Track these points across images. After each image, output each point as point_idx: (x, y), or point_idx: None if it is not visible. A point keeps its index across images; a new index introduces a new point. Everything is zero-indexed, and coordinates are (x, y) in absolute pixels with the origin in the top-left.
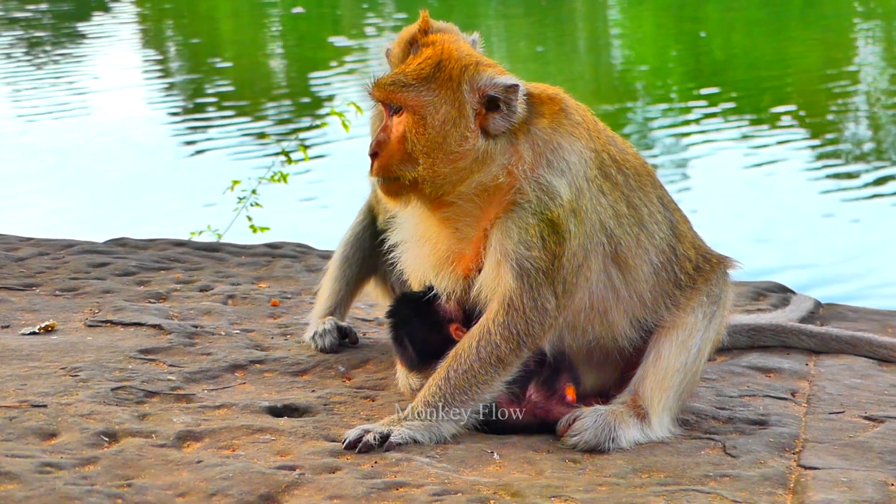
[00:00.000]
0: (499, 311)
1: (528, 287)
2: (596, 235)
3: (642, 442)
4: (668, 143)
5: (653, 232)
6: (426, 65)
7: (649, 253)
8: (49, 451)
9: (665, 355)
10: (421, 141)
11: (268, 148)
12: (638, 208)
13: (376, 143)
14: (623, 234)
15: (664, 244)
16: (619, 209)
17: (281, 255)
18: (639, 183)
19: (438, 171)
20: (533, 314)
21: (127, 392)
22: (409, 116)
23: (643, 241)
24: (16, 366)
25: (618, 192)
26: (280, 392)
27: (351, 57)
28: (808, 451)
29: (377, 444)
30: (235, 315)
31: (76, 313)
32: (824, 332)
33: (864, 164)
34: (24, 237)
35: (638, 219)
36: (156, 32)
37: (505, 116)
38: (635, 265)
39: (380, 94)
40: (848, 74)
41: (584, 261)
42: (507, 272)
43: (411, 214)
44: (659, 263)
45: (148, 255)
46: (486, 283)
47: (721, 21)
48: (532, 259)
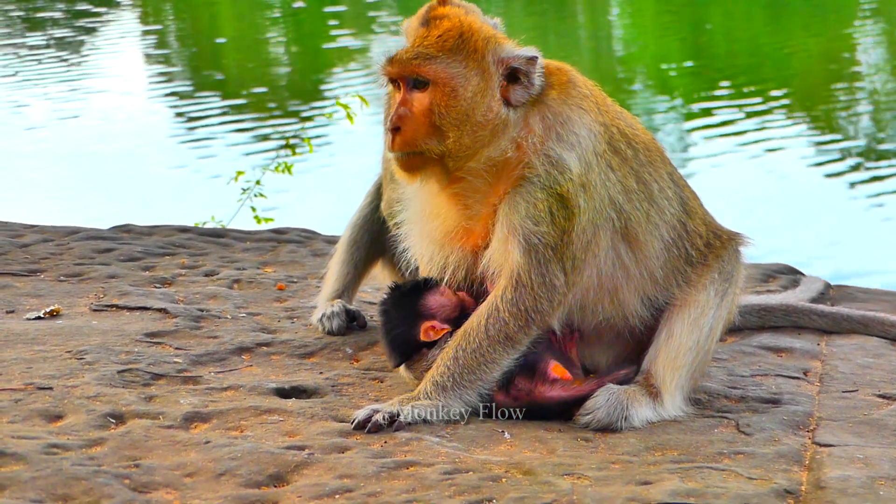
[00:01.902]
0: (507, 287)
1: (536, 263)
2: (605, 211)
3: (654, 421)
4: (671, 130)
5: (663, 208)
6: (448, 37)
7: (660, 229)
8: (55, 432)
9: (677, 334)
10: (452, 113)
11: (271, 141)
12: (648, 184)
13: (397, 118)
14: (633, 210)
15: (675, 220)
16: (628, 184)
17: (286, 240)
18: (648, 158)
19: (464, 144)
20: (541, 290)
21: (133, 374)
22: (436, 89)
23: (653, 216)
24: (21, 349)
25: (627, 166)
26: (287, 374)
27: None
28: (823, 429)
29: (386, 423)
30: (241, 299)
31: (81, 298)
32: (835, 311)
33: (870, 146)
34: (29, 224)
35: (648, 194)
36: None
37: (525, 88)
38: (645, 241)
39: (400, 68)
40: (853, 62)
41: (593, 237)
42: (515, 247)
43: (419, 192)
44: (670, 240)
45: (153, 241)
46: (493, 258)
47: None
48: (540, 234)
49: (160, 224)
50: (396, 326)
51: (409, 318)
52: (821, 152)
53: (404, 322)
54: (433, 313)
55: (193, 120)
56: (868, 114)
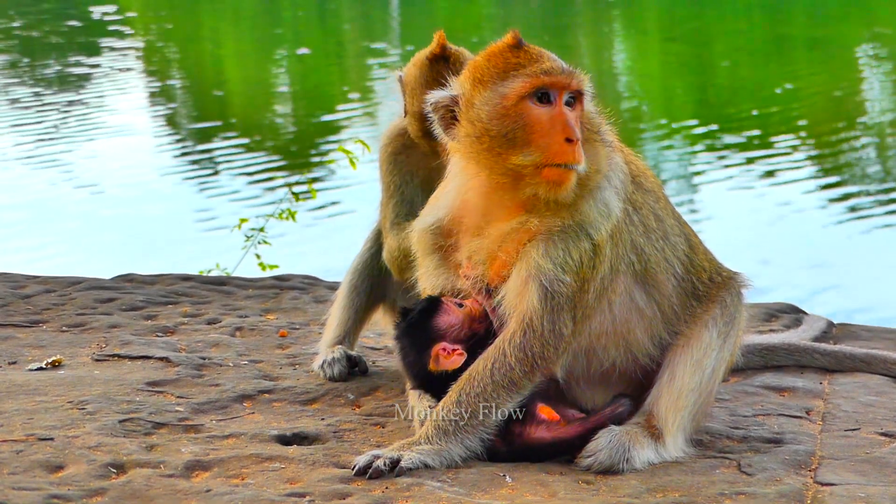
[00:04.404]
0: (516, 331)
1: (550, 309)
2: (627, 256)
3: (656, 462)
4: (673, 169)
5: (675, 244)
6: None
7: (674, 266)
8: (56, 483)
9: (679, 375)
10: (594, 130)
11: (276, 183)
12: (663, 220)
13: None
14: (652, 251)
15: (683, 255)
16: (648, 224)
17: (289, 287)
18: (659, 192)
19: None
20: (550, 337)
21: (134, 424)
22: (581, 106)
23: (668, 254)
24: (22, 400)
25: (648, 205)
26: (289, 421)
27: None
28: (825, 468)
29: (387, 469)
30: (243, 346)
31: (83, 348)
32: (838, 350)
33: (872, 185)
34: (31, 275)
35: (663, 232)
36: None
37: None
38: (661, 281)
39: (576, 82)
40: (855, 99)
41: (610, 283)
42: (535, 292)
43: (483, 207)
44: (681, 276)
45: (155, 290)
46: (508, 297)
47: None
48: (564, 283)
49: (163, 273)
50: (408, 354)
51: (420, 342)
52: (823, 189)
53: (415, 347)
54: (442, 335)
55: (198, 168)
56: (872, 148)
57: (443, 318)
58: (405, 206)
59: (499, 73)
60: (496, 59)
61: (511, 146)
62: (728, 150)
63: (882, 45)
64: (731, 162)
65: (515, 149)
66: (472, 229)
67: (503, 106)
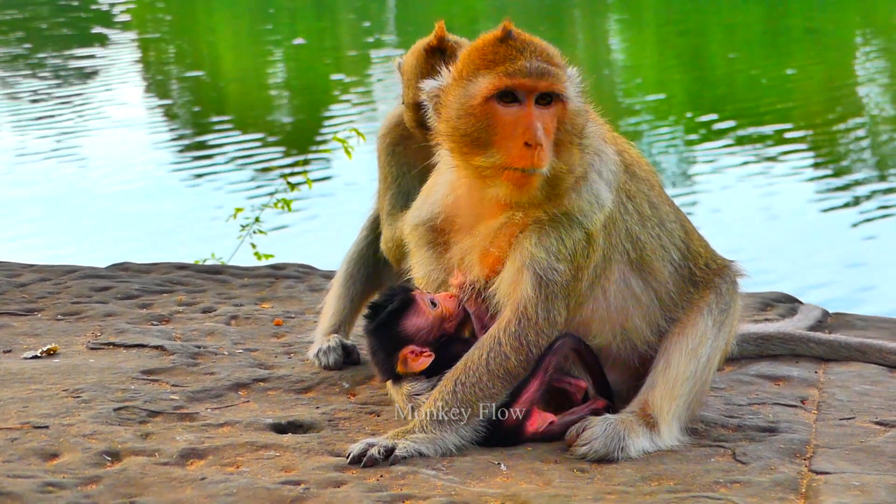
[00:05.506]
0: (511, 319)
1: (545, 298)
2: (621, 245)
3: (651, 451)
4: (669, 160)
5: (671, 230)
6: (553, 51)
7: (670, 252)
8: (51, 471)
9: (675, 363)
10: (575, 131)
11: (271, 174)
12: (658, 207)
13: (539, 133)
14: (647, 238)
15: (679, 241)
16: (643, 211)
17: (284, 275)
18: (654, 180)
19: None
20: (544, 325)
21: (129, 412)
22: (561, 105)
23: (664, 241)
24: (17, 388)
25: (642, 193)
26: (284, 409)
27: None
28: (819, 457)
29: (382, 457)
30: (238, 335)
31: (78, 337)
32: (833, 339)
33: (865, 174)
34: (26, 264)
35: (658, 219)
36: (155, 62)
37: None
38: (658, 268)
39: (546, 83)
40: (851, 90)
41: (603, 272)
42: (528, 281)
43: (472, 204)
44: (678, 262)
45: (150, 279)
46: (502, 287)
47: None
48: (558, 271)
49: (158, 262)
50: (376, 353)
51: (388, 343)
52: (819, 179)
53: (384, 348)
54: (411, 337)
55: (193, 159)
56: (868, 139)
57: (412, 321)
58: (402, 198)
59: (471, 71)
60: (475, 54)
61: (475, 146)
62: (724, 139)
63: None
64: (728, 152)
65: (479, 149)
66: (463, 228)
67: (470, 105)
